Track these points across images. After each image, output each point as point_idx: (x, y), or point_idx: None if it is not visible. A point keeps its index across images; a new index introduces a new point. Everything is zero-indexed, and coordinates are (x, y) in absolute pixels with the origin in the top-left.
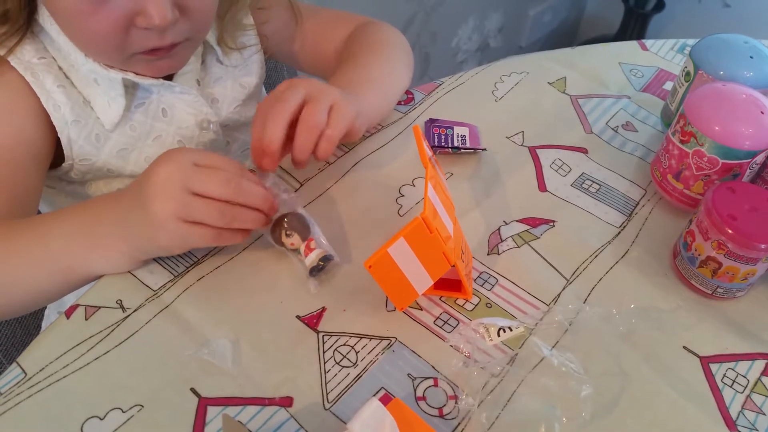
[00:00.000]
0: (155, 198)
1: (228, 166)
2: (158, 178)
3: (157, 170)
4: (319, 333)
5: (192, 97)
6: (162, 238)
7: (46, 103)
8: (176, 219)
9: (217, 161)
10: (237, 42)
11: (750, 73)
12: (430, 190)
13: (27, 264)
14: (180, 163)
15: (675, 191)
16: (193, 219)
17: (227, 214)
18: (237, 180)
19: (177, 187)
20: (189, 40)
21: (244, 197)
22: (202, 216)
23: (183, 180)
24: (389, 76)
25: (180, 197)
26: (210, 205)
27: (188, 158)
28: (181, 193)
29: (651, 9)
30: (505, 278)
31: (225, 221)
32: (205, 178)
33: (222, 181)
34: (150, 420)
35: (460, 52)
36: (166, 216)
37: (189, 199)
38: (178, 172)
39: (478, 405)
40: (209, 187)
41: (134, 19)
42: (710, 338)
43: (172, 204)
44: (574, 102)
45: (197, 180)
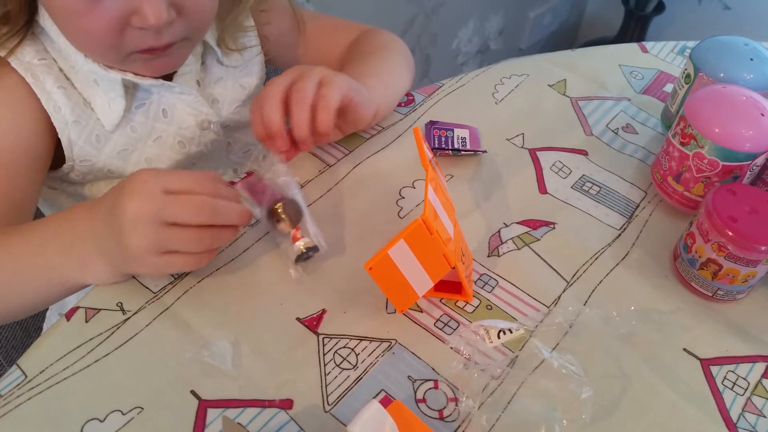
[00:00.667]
0: (128, 235)
1: (200, 186)
2: (128, 214)
3: (126, 205)
4: (319, 335)
5: (192, 98)
6: (141, 269)
7: (47, 104)
8: (152, 253)
9: (187, 183)
10: (237, 43)
11: (750, 75)
12: (431, 192)
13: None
14: (149, 194)
15: (675, 193)
16: (170, 249)
17: (205, 239)
18: (211, 203)
19: (149, 222)
20: (186, 40)
21: (221, 218)
22: (179, 246)
23: (155, 213)
24: (390, 71)
25: (153, 233)
26: (186, 233)
27: (157, 186)
28: (155, 227)
29: (651, 11)
30: (506, 280)
31: (204, 246)
32: (178, 207)
33: (196, 208)
34: (150, 422)
35: (460, 54)
36: (142, 252)
37: (163, 233)
38: (148, 205)
39: (478, 407)
40: (183, 216)
41: (130, 19)
42: (711, 340)
43: (146, 240)
44: (575, 104)
45: (170, 211)
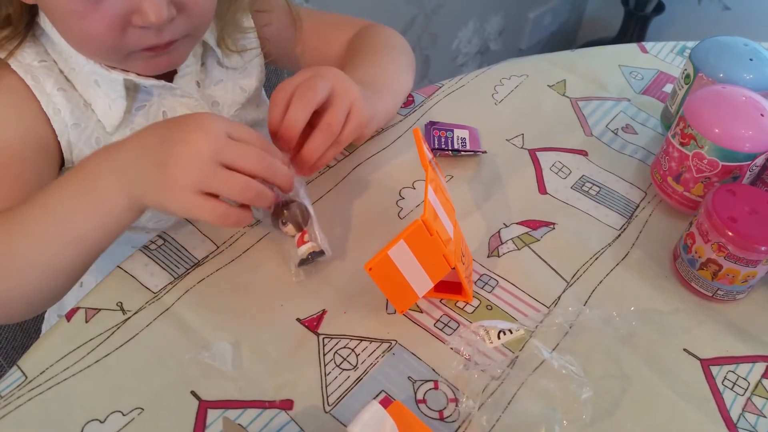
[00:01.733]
0: (178, 164)
1: (260, 141)
2: (189, 144)
3: (190, 136)
4: (320, 336)
5: (193, 100)
6: (171, 204)
7: (46, 106)
8: (193, 190)
9: (250, 135)
10: (237, 44)
11: (750, 76)
12: (431, 193)
13: (37, 245)
14: (214, 133)
15: (675, 193)
16: (211, 191)
17: (251, 190)
18: (269, 158)
19: (207, 157)
20: (188, 37)
21: (274, 176)
22: (223, 189)
23: (215, 151)
24: (396, 79)
25: (207, 169)
26: (234, 179)
27: (222, 128)
28: (210, 164)
29: (651, 11)
30: (506, 281)
31: (246, 198)
32: (240, 151)
33: (257, 157)
34: (150, 423)
35: (460, 55)
36: (185, 185)
37: (215, 172)
38: (210, 143)
39: (478, 408)
40: (243, 161)
41: (130, 18)
42: (711, 341)
43: (196, 174)
44: (574, 104)
45: (231, 153)
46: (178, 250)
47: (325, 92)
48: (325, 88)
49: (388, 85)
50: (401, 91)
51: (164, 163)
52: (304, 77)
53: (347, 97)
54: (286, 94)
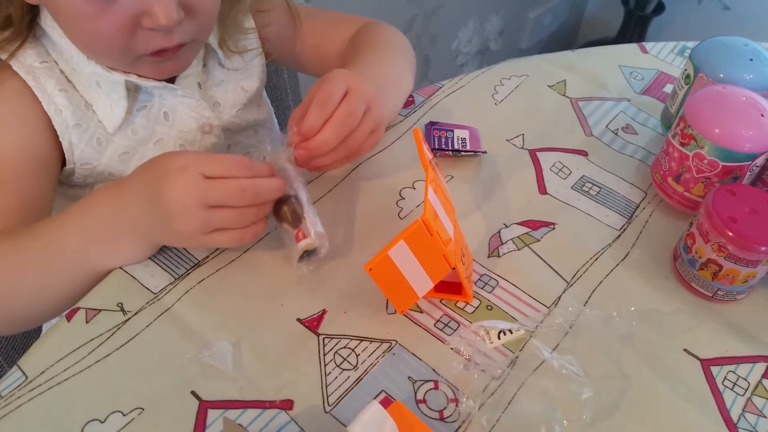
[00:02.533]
0: (177, 220)
1: (238, 170)
2: (173, 201)
3: (171, 193)
4: (320, 336)
5: (194, 101)
6: (191, 245)
7: (48, 107)
8: (201, 234)
9: (225, 169)
10: (238, 45)
11: (750, 76)
12: (431, 193)
13: (48, 276)
14: (191, 182)
15: (675, 194)
16: (215, 228)
17: (249, 216)
18: (251, 186)
19: (195, 207)
20: (194, 42)
21: (262, 198)
22: (226, 224)
23: (199, 198)
24: (399, 80)
25: (200, 216)
26: (231, 213)
27: (196, 172)
28: (200, 211)
29: (651, 11)
30: (506, 281)
31: (248, 221)
32: (220, 192)
33: (238, 193)
34: (151, 423)
35: (460, 55)
36: (192, 234)
37: (209, 215)
38: (193, 193)
39: (478, 408)
40: (226, 201)
41: (140, 20)
42: (711, 341)
43: (195, 224)
44: (574, 105)
45: (213, 196)
46: (179, 251)
47: (345, 88)
48: (341, 88)
49: (392, 86)
50: (404, 91)
51: (167, 221)
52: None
53: (365, 94)
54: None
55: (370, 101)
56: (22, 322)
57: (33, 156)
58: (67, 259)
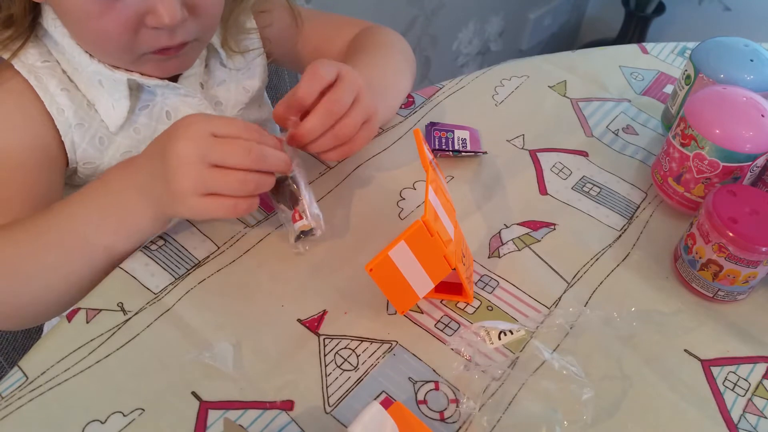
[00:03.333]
0: (174, 174)
1: (246, 132)
2: (176, 154)
3: (175, 146)
4: (320, 336)
5: (196, 100)
6: (183, 211)
7: (50, 106)
8: (195, 194)
9: (235, 129)
10: (240, 45)
11: (750, 76)
12: (431, 194)
13: (65, 256)
14: (197, 137)
15: (676, 194)
16: (213, 191)
17: (249, 183)
18: (257, 148)
19: (195, 163)
20: (197, 41)
21: (266, 165)
22: (222, 188)
23: (201, 154)
24: (395, 79)
25: (198, 173)
26: (229, 176)
27: (205, 129)
28: (199, 167)
29: (651, 12)
30: (506, 281)
31: (247, 190)
32: (225, 149)
33: (243, 152)
34: (151, 423)
35: (460, 56)
36: (185, 192)
37: (207, 173)
38: (196, 147)
39: (479, 408)
40: (229, 159)
41: (144, 19)
42: (711, 341)
43: (192, 181)
44: (575, 105)
45: (216, 153)
46: (179, 251)
47: (335, 73)
48: (331, 71)
49: (387, 84)
50: (400, 91)
51: (166, 177)
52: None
53: (354, 83)
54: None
55: (359, 91)
56: (39, 310)
57: (39, 152)
58: (81, 235)
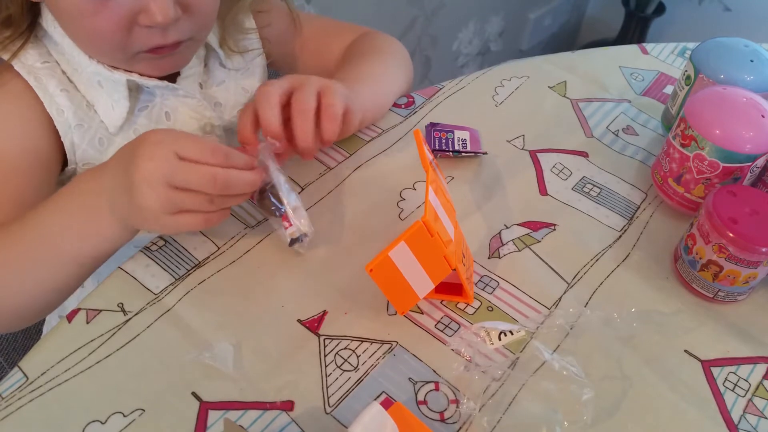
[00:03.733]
0: (140, 194)
1: (213, 156)
2: (140, 174)
3: (139, 164)
4: (320, 337)
5: (195, 101)
6: (153, 227)
7: (49, 107)
8: (164, 213)
9: (200, 153)
10: (239, 45)
11: (750, 77)
12: (431, 194)
13: (34, 261)
14: (162, 157)
15: (676, 195)
16: (181, 209)
17: (217, 202)
18: (222, 175)
19: (158, 184)
20: (192, 40)
21: (232, 190)
22: (190, 206)
23: (165, 175)
24: (382, 74)
25: (164, 194)
26: (197, 197)
27: (171, 149)
28: (163, 189)
29: (651, 13)
30: (507, 282)
31: (215, 207)
32: (189, 176)
33: (207, 180)
34: (151, 424)
35: (460, 56)
36: (153, 211)
37: (173, 194)
38: (159, 169)
39: (479, 409)
40: (193, 184)
41: (137, 18)
42: (712, 342)
43: (157, 201)
44: (575, 106)
45: (179, 177)
46: (179, 251)
47: (283, 85)
48: (281, 82)
49: (373, 79)
50: (391, 91)
51: (130, 190)
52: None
53: (309, 81)
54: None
55: (322, 84)
56: (12, 318)
57: (33, 156)
58: (48, 242)
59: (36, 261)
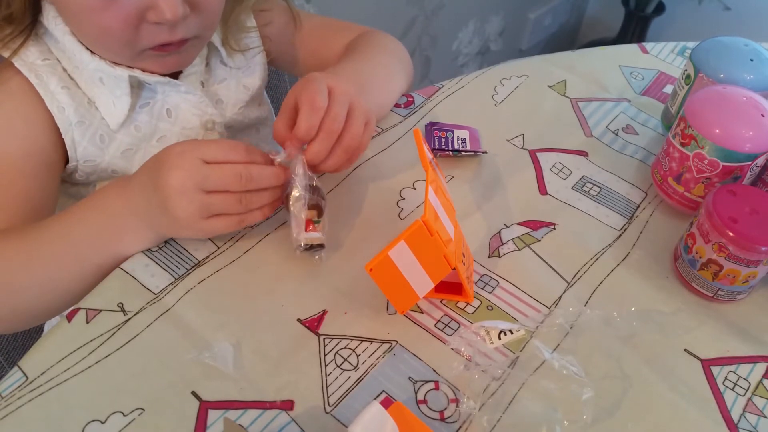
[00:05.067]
0: (175, 205)
1: (234, 153)
2: (170, 185)
3: (168, 177)
4: (320, 336)
5: (197, 98)
6: (189, 234)
7: (51, 105)
8: (199, 219)
9: (224, 154)
10: (240, 44)
11: (750, 76)
12: (431, 194)
13: (57, 271)
14: (189, 166)
15: (676, 194)
16: (213, 213)
17: (245, 201)
18: (248, 171)
19: (193, 192)
20: (197, 38)
21: (257, 184)
22: (223, 209)
23: (197, 183)
24: (388, 79)
25: (198, 200)
26: (228, 198)
27: (196, 156)
28: (199, 195)
29: (651, 12)
30: (506, 281)
31: (245, 207)
32: (218, 177)
33: (234, 178)
34: (151, 423)
35: (460, 56)
36: (189, 218)
37: (207, 199)
38: (190, 178)
39: (479, 408)
40: (224, 186)
41: (145, 14)
42: (711, 341)
43: (193, 208)
44: (575, 105)
45: (211, 181)
46: (179, 251)
47: (327, 96)
48: (325, 95)
49: (379, 82)
50: (392, 90)
51: (164, 206)
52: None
53: (345, 95)
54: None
55: (352, 99)
56: (29, 318)
57: (37, 157)
58: (75, 252)
59: (59, 271)
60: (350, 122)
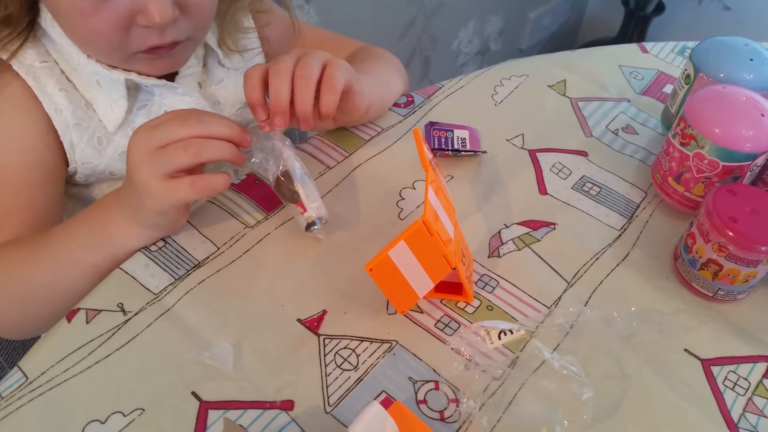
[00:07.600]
0: (133, 172)
1: (184, 112)
2: (131, 156)
3: (129, 152)
4: (320, 336)
5: (194, 99)
6: (151, 204)
7: (48, 107)
8: (153, 179)
9: (173, 113)
10: (238, 44)
11: (750, 76)
12: (431, 193)
13: (59, 273)
14: (141, 134)
15: (676, 194)
16: (167, 170)
17: (191, 146)
18: (194, 114)
19: (144, 151)
20: (189, 40)
21: (207, 128)
22: (170, 160)
23: (146, 142)
24: (388, 79)
25: (150, 157)
26: (174, 148)
27: (145, 127)
28: (149, 153)
29: (651, 11)
30: (506, 281)
31: (191, 154)
32: (162, 128)
33: (178, 122)
34: (151, 423)
35: (460, 55)
36: (145, 180)
37: (155, 155)
38: (141, 141)
39: (479, 408)
40: (168, 133)
41: (135, 18)
42: (711, 341)
43: (146, 166)
44: (574, 105)
45: (156, 135)
46: (179, 252)
47: (296, 53)
48: (291, 55)
49: (377, 77)
50: (391, 88)
51: (131, 180)
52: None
53: (320, 54)
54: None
55: (327, 59)
56: (37, 325)
57: (39, 166)
58: (71, 253)
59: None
60: (327, 68)
